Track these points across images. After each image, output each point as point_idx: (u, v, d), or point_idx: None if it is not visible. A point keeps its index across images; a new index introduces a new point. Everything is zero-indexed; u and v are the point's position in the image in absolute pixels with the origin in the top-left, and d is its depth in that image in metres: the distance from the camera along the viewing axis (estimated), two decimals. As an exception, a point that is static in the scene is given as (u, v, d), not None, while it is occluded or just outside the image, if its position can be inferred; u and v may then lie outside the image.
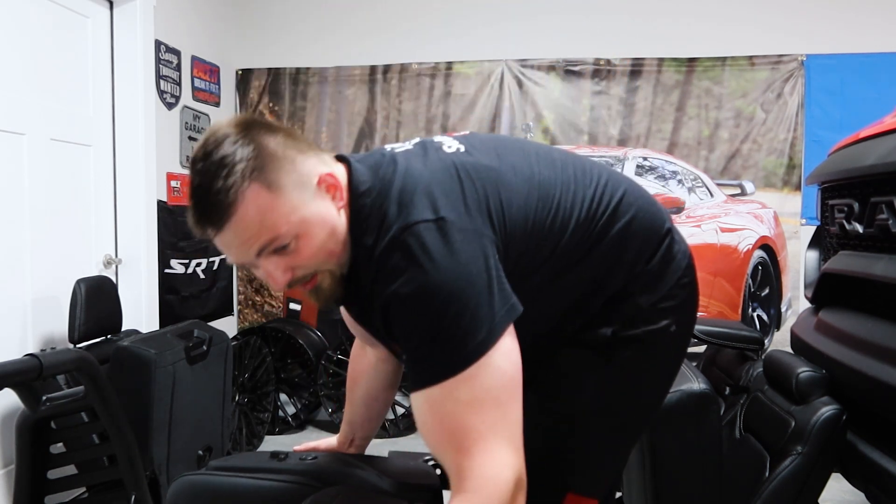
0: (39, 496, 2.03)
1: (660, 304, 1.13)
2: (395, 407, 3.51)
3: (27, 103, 2.38)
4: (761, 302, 3.56)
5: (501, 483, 0.94)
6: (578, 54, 3.61)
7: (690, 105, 3.55)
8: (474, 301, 0.95)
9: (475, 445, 0.94)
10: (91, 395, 1.80)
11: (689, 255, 1.20)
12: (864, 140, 1.49)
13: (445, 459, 0.99)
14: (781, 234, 3.53)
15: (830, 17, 3.44)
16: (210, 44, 3.55)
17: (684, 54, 3.53)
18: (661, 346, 1.16)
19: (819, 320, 1.65)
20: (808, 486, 1.45)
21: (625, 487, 1.97)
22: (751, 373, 1.93)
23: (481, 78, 3.68)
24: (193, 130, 3.37)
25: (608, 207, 1.12)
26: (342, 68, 3.77)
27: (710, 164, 3.56)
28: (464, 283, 0.95)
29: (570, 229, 1.09)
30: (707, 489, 1.56)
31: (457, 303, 0.94)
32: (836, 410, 1.42)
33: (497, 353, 0.96)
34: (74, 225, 2.66)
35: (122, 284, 2.87)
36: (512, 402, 0.98)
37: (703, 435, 1.54)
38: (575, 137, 3.63)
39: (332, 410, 3.48)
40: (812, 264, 1.89)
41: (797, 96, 3.46)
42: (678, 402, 1.52)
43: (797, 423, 1.47)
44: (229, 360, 2.55)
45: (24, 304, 2.37)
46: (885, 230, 1.33)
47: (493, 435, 0.95)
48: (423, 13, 3.73)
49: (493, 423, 0.95)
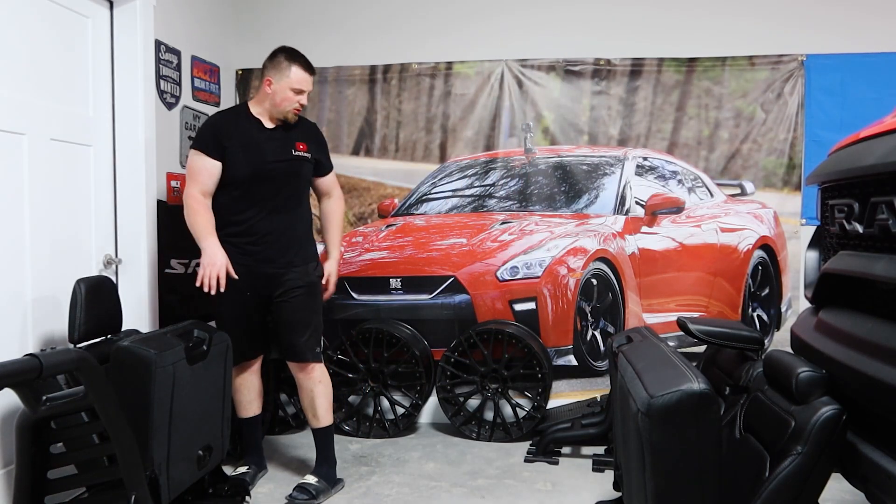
0: (39, 496, 2.03)
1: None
2: (394, 407, 3.51)
3: (27, 103, 2.38)
4: (761, 302, 3.57)
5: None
6: (578, 54, 3.61)
7: (690, 105, 3.56)
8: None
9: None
10: (91, 395, 1.80)
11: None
12: (864, 140, 1.49)
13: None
14: (781, 234, 3.53)
15: (830, 17, 3.45)
16: (210, 44, 3.55)
17: (684, 54, 3.54)
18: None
19: (819, 320, 1.65)
20: (808, 486, 1.45)
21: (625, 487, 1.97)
22: (751, 373, 1.93)
23: (481, 78, 3.68)
24: (193, 130, 3.37)
25: None
26: (342, 68, 3.77)
27: (710, 164, 3.56)
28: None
29: None
30: (707, 489, 1.56)
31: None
32: (836, 410, 1.42)
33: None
34: (74, 225, 2.66)
35: (122, 284, 2.87)
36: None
37: (703, 435, 1.54)
38: (575, 137, 3.63)
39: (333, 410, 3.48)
40: (812, 264, 1.89)
41: (797, 96, 3.47)
42: (678, 402, 1.51)
43: (797, 423, 1.47)
44: (229, 360, 2.55)
45: (24, 304, 2.37)
46: (885, 230, 1.33)
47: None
48: (423, 13, 3.73)
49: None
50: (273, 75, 2.72)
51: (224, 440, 2.55)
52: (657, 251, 3.55)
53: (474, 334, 3.44)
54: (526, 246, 3.55)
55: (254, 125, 2.75)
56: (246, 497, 2.63)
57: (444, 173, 3.73)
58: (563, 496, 2.77)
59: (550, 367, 3.43)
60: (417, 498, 2.74)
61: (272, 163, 2.70)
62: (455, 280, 3.60)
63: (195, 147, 2.71)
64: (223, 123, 2.75)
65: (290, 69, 2.70)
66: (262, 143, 2.72)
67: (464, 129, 3.71)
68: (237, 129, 2.72)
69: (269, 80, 2.72)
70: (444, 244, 3.64)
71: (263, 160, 2.69)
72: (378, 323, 3.57)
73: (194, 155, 2.69)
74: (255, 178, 2.68)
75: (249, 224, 2.70)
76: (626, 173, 3.58)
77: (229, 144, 2.68)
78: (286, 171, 2.74)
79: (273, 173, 2.71)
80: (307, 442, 3.38)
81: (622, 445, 1.91)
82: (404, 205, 3.76)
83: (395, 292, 3.67)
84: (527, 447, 3.29)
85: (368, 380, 3.52)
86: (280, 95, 2.70)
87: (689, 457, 1.54)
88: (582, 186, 3.60)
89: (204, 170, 2.66)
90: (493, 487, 2.85)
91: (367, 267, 3.69)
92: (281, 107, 2.72)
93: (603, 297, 3.57)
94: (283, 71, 2.70)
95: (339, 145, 3.79)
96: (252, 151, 2.70)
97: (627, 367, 1.81)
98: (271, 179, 2.71)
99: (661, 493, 1.56)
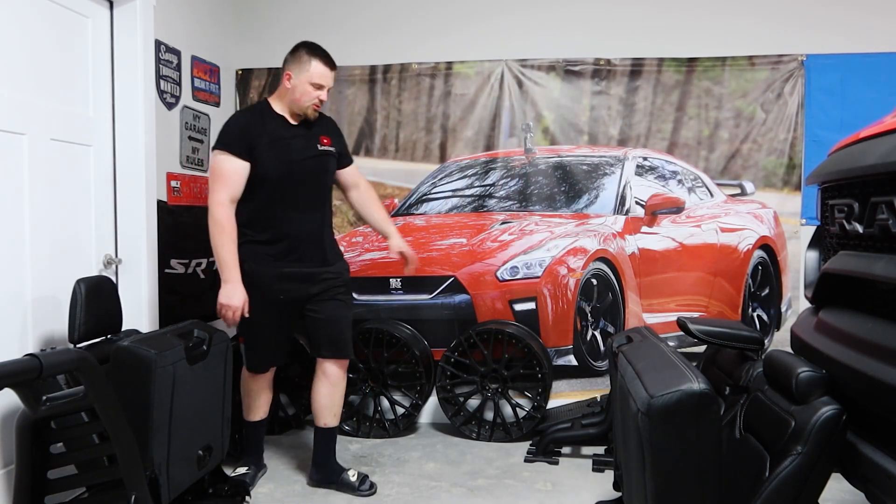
0: (39, 496, 2.03)
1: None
2: (394, 407, 3.51)
3: (27, 103, 2.38)
4: (761, 302, 3.57)
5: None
6: (578, 54, 3.61)
7: (690, 105, 3.56)
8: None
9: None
10: (91, 395, 1.80)
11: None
12: (864, 140, 1.49)
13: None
14: (781, 234, 3.53)
15: (830, 17, 3.45)
16: (210, 44, 3.55)
17: (684, 54, 3.54)
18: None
19: (819, 320, 1.65)
20: (808, 486, 1.45)
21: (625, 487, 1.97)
22: (751, 373, 1.93)
23: (481, 78, 3.68)
24: (193, 130, 3.37)
25: None
26: (342, 68, 3.76)
27: (710, 164, 3.56)
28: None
29: None
30: (707, 489, 1.56)
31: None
32: (836, 410, 1.42)
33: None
34: (74, 225, 2.66)
35: (122, 284, 2.87)
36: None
37: (703, 435, 1.54)
38: (575, 137, 3.63)
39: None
40: (812, 264, 1.89)
41: (797, 96, 3.47)
42: (678, 402, 1.52)
43: (797, 423, 1.47)
44: (229, 360, 2.55)
45: (24, 304, 2.37)
46: (885, 230, 1.33)
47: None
48: (423, 13, 3.73)
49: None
50: (293, 69, 2.66)
51: (224, 440, 2.55)
52: (657, 251, 3.55)
53: (474, 334, 3.44)
54: (526, 246, 3.55)
55: (279, 122, 2.70)
56: (246, 497, 2.64)
57: (444, 173, 3.73)
58: (563, 496, 2.77)
59: (550, 367, 3.43)
60: (417, 498, 2.74)
61: (301, 160, 2.66)
62: (455, 280, 3.60)
63: (221, 148, 2.61)
64: (249, 122, 2.67)
65: (311, 63, 2.64)
66: (290, 140, 2.67)
67: (464, 129, 3.71)
68: (263, 127, 2.66)
69: (289, 75, 2.67)
70: (444, 244, 3.64)
71: (292, 158, 2.65)
72: (378, 323, 3.57)
73: (220, 156, 2.60)
74: (284, 176, 2.63)
75: (279, 225, 2.66)
76: (626, 173, 3.58)
77: (257, 143, 2.61)
78: (315, 167, 2.70)
79: (302, 170, 2.67)
80: (307, 442, 3.38)
81: (622, 445, 1.91)
82: (404, 205, 3.76)
83: (395, 292, 3.67)
84: (527, 447, 3.29)
85: (368, 380, 3.52)
86: (300, 90, 2.65)
87: (689, 457, 1.54)
88: (582, 186, 3.60)
89: (234, 172, 2.59)
90: (493, 487, 2.85)
91: (367, 267, 3.69)
92: (300, 102, 2.66)
93: (603, 297, 3.57)
94: (304, 65, 2.65)
95: (339, 145, 3.79)
96: (281, 149, 2.64)
97: (627, 367, 1.81)
98: (301, 177, 2.66)
99: (661, 493, 1.56)
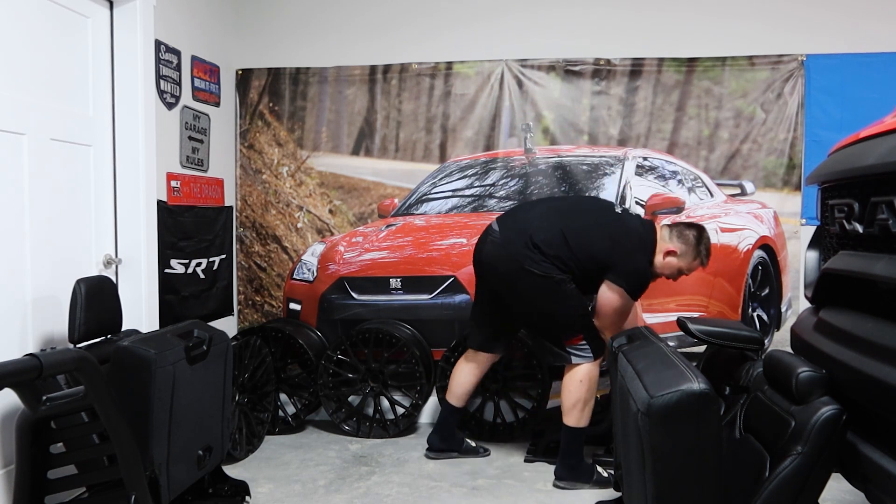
0: (39, 496, 2.03)
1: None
2: (394, 407, 3.51)
3: (27, 103, 2.38)
4: (761, 302, 3.57)
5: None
6: (578, 54, 3.61)
7: (690, 105, 3.56)
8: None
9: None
10: (91, 395, 1.80)
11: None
12: (864, 140, 1.49)
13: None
14: (781, 234, 3.53)
15: (830, 18, 3.45)
16: (210, 44, 3.55)
17: (684, 54, 3.54)
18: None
19: (819, 320, 1.65)
20: (808, 486, 1.45)
21: (625, 487, 1.97)
22: (751, 373, 1.93)
23: (481, 78, 3.68)
24: (193, 130, 3.37)
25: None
26: (342, 68, 3.77)
27: (710, 164, 3.56)
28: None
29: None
30: (707, 489, 1.56)
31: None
32: (836, 410, 1.42)
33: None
34: (74, 225, 2.66)
35: (122, 284, 2.87)
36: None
37: (703, 435, 1.54)
38: (575, 137, 3.63)
39: (333, 410, 3.48)
40: (812, 264, 1.89)
41: (797, 96, 3.47)
42: (678, 402, 1.52)
43: (797, 423, 1.47)
44: (229, 360, 2.55)
45: (24, 304, 2.37)
46: (885, 230, 1.33)
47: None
48: (423, 13, 3.73)
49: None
50: (681, 250, 2.86)
51: (224, 440, 2.55)
52: (657, 251, 3.54)
53: (474, 334, 3.44)
54: (526, 246, 3.55)
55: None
56: (246, 497, 2.64)
57: (444, 173, 3.73)
58: (564, 496, 2.77)
59: (550, 366, 3.43)
60: (417, 498, 2.74)
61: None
62: (455, 280, 3.60)
63: (629, 292, 2.82)
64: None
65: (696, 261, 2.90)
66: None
67: (464, 129, 3.71)
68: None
69: (676, 251, 2.85)
70: (444, 244, 3.64)
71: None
72: (378, 323, 3.57)
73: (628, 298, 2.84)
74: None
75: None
76: (626, 173, 3.57)
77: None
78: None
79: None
80: (306, 442, 3.39)
81: (622, 445, 1.91)
82: (404, 205, 3.76)
83: (395, 292, 3.67)
84: (527, 447, 3.29)
85: (368, 380, 3.52)
86: (669, 269, 2.89)
87: (690, 457, 1.54)
88: (582, 186, 3.60)
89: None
90: (493, 487, 2.85)
91: (367, 267, 3.69)
92: (661, 272, 2.90)
93: (603, 297, 3.56)
94: (688, 255, 2.87)
95: (338, 145, 3.79)
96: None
97: (627, 367, 1.81)
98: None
99: (662, 493, 1.56)
